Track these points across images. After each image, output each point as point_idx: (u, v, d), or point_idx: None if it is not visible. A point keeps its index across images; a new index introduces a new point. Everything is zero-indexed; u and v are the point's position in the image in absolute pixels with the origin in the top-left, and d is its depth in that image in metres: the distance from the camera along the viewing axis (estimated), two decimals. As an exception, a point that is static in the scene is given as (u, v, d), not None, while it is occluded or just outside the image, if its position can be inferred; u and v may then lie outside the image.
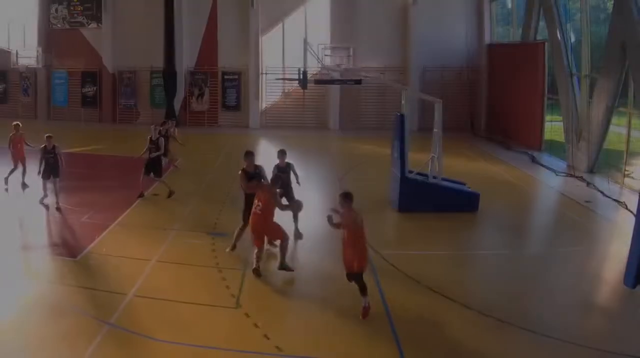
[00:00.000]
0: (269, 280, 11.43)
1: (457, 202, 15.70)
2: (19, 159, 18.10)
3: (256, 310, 9.83)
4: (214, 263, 12.09)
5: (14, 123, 18.76)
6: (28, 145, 18.29)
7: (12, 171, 17.95)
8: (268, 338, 8.82)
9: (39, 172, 15.33)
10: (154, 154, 16.73)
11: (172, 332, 9.00)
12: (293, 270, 10.99)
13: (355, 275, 9.33)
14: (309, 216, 15.68)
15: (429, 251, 12.99)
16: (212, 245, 13.24)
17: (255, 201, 10.63)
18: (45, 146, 15.05)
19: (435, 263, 12.26)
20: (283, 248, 10.85)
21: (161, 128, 18.57)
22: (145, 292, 10.37)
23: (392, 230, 15.27)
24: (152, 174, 16.86)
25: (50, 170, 15.26)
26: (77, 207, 16.06)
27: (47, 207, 15.42)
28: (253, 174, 12.14)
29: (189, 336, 8.87)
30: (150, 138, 16.86)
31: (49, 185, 15.34)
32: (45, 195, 15.45)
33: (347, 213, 9.33)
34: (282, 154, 13.21)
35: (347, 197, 9.45)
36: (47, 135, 15.33)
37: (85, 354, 8.26)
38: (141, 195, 16.66)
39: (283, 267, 10.88)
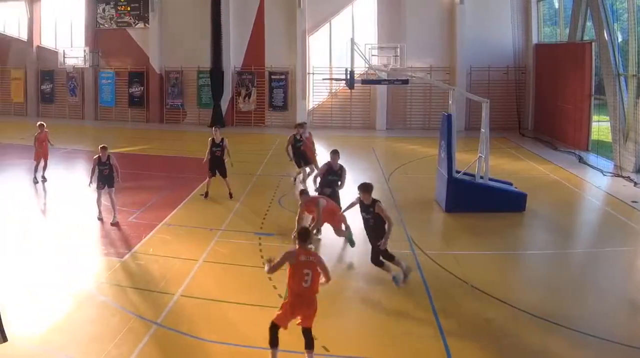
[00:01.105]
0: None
1: (504, 202, 16.58)
2: (42, 155, 20.42)
3: None
4: (260, 263, 12.52)
5: (39, 123, 21.56)
6: (50, 142, 20.69)
7: (36, 167, 20.31)
8: (315, 338, 9.31)
9: (90, 183, 16.02)
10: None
11: (219, 332, 9.62)
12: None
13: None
14: (358, 216, 17.63)
15: (475, 251, 13.71)
16: (259, 245, 14.02)
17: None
18: (99, 157, 15.56)
19: (482, 264, 12.97)
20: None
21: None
22: (192, 292, 11.03)
23: (439, 231, 16.09)
24: (217, 173, 18.22)
25: (105, 180, 15.67)
26: (124, 207, 17.11)
27: (102, 220, 15.97)
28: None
29: (235, 336, 9.50)
30: (213, 139, 18.11)
31: (104, 196, 15.85)
32: (100, 211, 16.00)
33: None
34: (334, 154, 14.31)
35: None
36: (101, 146, 15.81)
37: (133, 353, 8.94)
38: (206, 195, 18.09)
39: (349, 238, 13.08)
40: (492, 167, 17.43)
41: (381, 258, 11.59)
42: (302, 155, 19.37)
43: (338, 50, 34.59)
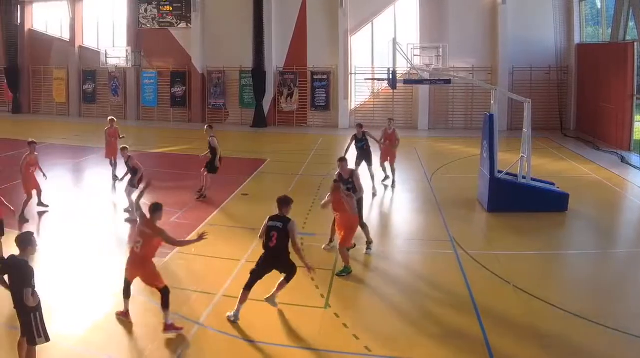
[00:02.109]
0: (358, 281, 12.88)
1: (547, 202, 17.57)
2: (111, 154, 22.22)
3: (345, 310, 11.12)
4: (302, 263, 12.94)
5: (109, 118, 23.03)
6: (120, 136, 22.23)
7: (114, 166, 21.75)
8: (357, 338, 10.01)
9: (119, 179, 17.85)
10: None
11: (261, 332, 10.23)
12: (351, 271, 12.91)
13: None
14: (403, 216, 18.63)
15: (518, 251, 14.47)
16: (301, 245, 13.75)
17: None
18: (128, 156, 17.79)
19: (524, 263, 13.73)
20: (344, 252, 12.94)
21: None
22: (234, 292, 11.38)
23: (481, 230, 17.01)
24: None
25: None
26: (166, 207, 18.60)
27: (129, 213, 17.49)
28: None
29: (278, 336, 10.11)
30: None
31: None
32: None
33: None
34: (341, 162, 14.77)
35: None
36: (121, 147, 18.25)
37: (174, 354, 9.55)
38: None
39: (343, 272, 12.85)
40: (534, 167, 18.42)
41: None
42: (366, 155, 20.33)
43: (380, 50, 37.35)
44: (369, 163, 20.46)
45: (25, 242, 8.85)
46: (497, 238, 15.93)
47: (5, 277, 8.74)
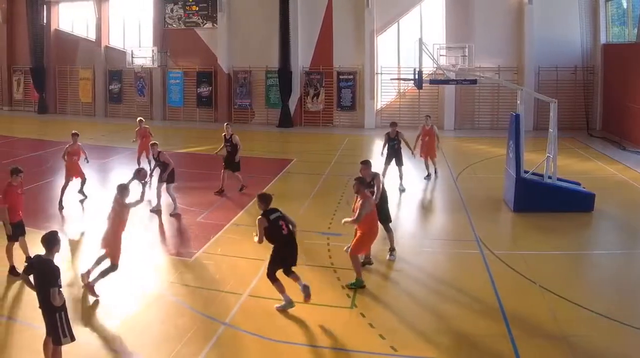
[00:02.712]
0: (384, 280, 13.48)
1: (573, 202, 18.15)
2: (143, 150, 23.55)
3: (372, 311, 11.54)
4: (329, 263, 14.13)
5: (138, 118, 24.42)
6: (151, 134, 23.68)
7: (149, 165, 22.25)
8: (383, 338, 10.39)
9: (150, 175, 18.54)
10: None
11: (287, 332, 10.64)
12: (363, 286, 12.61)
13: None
14: (429, 216, 19.51)
15: (544, 251, 14.90)
16: (327, 245, 15.41)
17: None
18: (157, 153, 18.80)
19: (550, 263, 14.13)
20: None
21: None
22: (260, 292, 12.17)
23: (507, 230, 17.70)
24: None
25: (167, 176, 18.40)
26: (192, 207, 19.07)
27: (159, 212, 18.54)
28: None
29: (304, 336, 10.50)
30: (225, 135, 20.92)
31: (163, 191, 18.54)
32: (159, 203, 18.70)
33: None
34: (363, 165, 14.53)
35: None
36: (151, 143, 19.32)
37: (201, 353, 9.91)
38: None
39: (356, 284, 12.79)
40: (560, 167, 19.06)
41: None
42: (396, 154, 21.33)
43: (406, 50, 39.05)
44: (399, 163, 21.42)
45: (51, 241, 9.16)
46: (523, 238, 16.48)
47: (30, 277, 9.10)
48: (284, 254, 11.78)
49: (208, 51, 42.91)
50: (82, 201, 20.67)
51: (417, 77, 23.03)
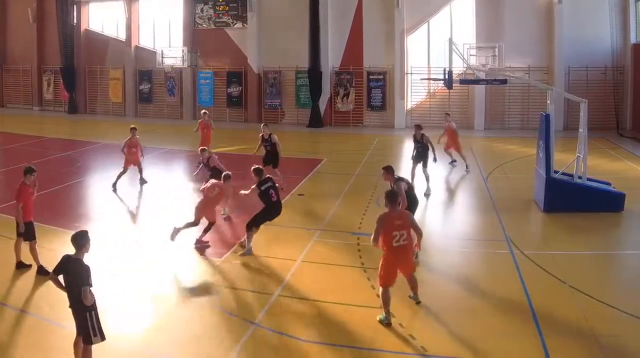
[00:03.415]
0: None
1: (603, 202, 18.60)
2: (206, 139, 25.92)
3: (402, 311, 11.74)
4: (359, 264, 14.58)
5: (203, 111, 27.64)
6: (209, 129, 26.67)
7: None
8: (413, 338, 10.69)
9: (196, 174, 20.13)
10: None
11: (317, 332, 10.98)
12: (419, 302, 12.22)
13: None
14: (459, 216, 20.14)
15: (574, 251, 15.30)
16: (357, 245, 15.91)
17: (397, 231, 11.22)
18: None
19: (580, 264, 14.51)
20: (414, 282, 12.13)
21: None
22: (290, 292, 12.57)
23: (537, 230, 18.21)
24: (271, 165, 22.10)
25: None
26: (221, 207, 19.25)
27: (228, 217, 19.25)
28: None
29: (334, 336, 10.85)
30: (263, 135, 22.53)
31: None
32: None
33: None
34: (384, 170, 15.04)
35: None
36: (201, 148, 20.47)
37: (232, 353, 10.28)
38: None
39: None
40: (590, 167, 19.56)
41: None
42: (422, 157, 22.05)
43: (436, 50, 40.30)
44: (424, 164, 22.16)
45: (80, 240, 9.45)
46: (553, 238, 16.97)
47: (60, 277, 9.38)
48: (269, 215, 15.34)
49: (238, 51, 45.11)
50: (142, 185, 23.45)
51: (447, 77, 24.42)
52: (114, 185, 22.63)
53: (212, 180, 16.74)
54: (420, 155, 22.32)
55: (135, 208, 21.78)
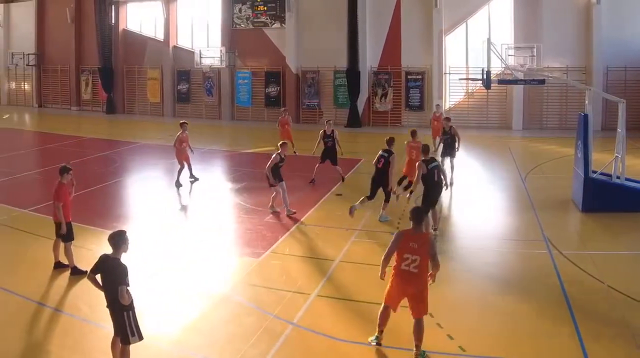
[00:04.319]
0: (452, 280, 14.12)
1: None
2: (288, 138, 27.80)
3: (440, 311, 12.08)
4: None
5: (283, 108, 31.04)
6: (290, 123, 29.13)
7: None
8: (452, 338, 11.13)
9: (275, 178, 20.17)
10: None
11: (355, 332, 11.43)
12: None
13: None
14: (496, 216, 20.60)
15: (612, 251, 15.77)
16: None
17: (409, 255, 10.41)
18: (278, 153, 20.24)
19: (618, 264, 14.92)
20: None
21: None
22: (328, 292, 13.02)
23: (575, 230, 18.74)
24: (329, 161, 24.18)
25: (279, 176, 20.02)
26: (260, 207, 20.54)
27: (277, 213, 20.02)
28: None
29: (372, 336, 11.12)
30: (325, 131, 24.49)
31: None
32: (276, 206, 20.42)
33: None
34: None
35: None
36: (282, 142, 20.79)
37: (269, 353, 10.70)
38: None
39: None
40: (628, 167, 20.16)
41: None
42: (449, 147, 24.30)
43: (474, 50, 41.89)
44: (452, 155, 24.42)
45: (118, 240, 9.74)
46: (591, 238, 17.57)
47: (97, 277, 9.75)
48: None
49: (276, 51, 47.68)
50: (192, 182, 24.93)
51: (485, 77, 25.28)
52: (177, 182, 24.23)
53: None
54: (449, 146, 24.37)
55: (174, 207, 22.66)
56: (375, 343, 11.07)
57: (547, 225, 18.50)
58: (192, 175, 25.40)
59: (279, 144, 20.79)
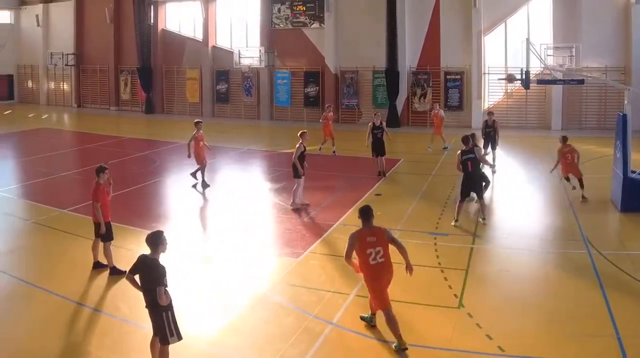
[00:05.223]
0: (491, 280, 14.74)
1: None
2: (330, 134, 31.00)
3: (479, 311, 12.67)
4: (436, 263, 15.68)
5: (327, 104, 32.85)
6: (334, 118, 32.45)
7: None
8: (490, 339, 11.47)
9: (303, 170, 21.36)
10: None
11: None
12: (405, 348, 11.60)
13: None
14: (535, 215, 21.29)
15: None
16: (434, 245, 17.11)
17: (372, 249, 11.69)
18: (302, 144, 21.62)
19: None
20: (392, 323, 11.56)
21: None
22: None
23: (614, 230, 19.26)
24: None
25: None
26: (299, 206, 21.19)
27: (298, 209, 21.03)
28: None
29: (411, 336, 11.52)
30: (374, 123, 26.80)
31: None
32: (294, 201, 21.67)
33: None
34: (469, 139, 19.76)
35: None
36: (301, 131, 21.91)
37: (309, 353, 11.16)
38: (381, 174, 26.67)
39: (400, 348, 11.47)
40: None
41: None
42: (492, 140, 27.26)
43: (513, 50, 43.82)
44: (493, 147, 27.46)
45: (156, 240, 10.11)
46: (630, 238, 17.96)
47: (136, 277, 10.11)
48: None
49: (315, 51, 50.11)
50: (194, 186, 25.52)
51: (524, 77, 26.44)
52: (203, 183, 25.27)
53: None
54: (492, 138, 27.17)
55: (213, 207, 23.72)
56: (402, 349, 11.41)
57: (585, 225, 19.24)
58: (197, 176, 26.16)
59: (298, 134, 22.01)
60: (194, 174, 25.89)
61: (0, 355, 11.48)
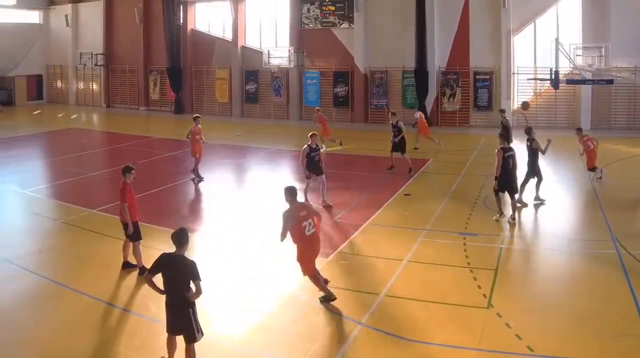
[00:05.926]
0: (520, 280, 15.23)
1: None
2: (324, 135, 32.22)
3: (508, 311, 13.12)
4: (465, 264, 16.09)
5: (316, 107, 35.00)
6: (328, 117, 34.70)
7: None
8: (520, 338, 11.91)
9: (309, 172, 22.32)
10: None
11: (423, 332, 12.31)
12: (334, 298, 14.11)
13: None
14: (564, 216, 21.93)
15: None
16: (464, 245, 17.46)
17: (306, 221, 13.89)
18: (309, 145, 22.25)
19: None
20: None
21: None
22: (396, 292, 13.78)
23: None
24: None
25: (315, 168, 22.23)
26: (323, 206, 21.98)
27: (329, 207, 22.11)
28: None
29: (440, 336, 12.11)
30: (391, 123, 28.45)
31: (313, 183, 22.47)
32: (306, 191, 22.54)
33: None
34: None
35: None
36: (311, 133, 22.43)
37: (338, 353, 11.60)
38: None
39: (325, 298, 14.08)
40: None
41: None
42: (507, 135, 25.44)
43: (542, 50, 45.58)
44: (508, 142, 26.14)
45: (181, 238, 10.44)
46: None
47: (156, 277, 10.42)
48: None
49: (344, 51, 51.96)
50: (193, 180, 27.03)
51: (553, 77, 29.46)
52: (197, 176, 26.81)
53: None
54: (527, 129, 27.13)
55: (242, 206, 24.22)
56: (331, 299, 13.84)
57: (615, 225, 19.72)
58: (196, 173, 27.69)
59: (309, 136, 22.76)
60: (195, 172, 27.34)
61: (28, 355, 12.02)
